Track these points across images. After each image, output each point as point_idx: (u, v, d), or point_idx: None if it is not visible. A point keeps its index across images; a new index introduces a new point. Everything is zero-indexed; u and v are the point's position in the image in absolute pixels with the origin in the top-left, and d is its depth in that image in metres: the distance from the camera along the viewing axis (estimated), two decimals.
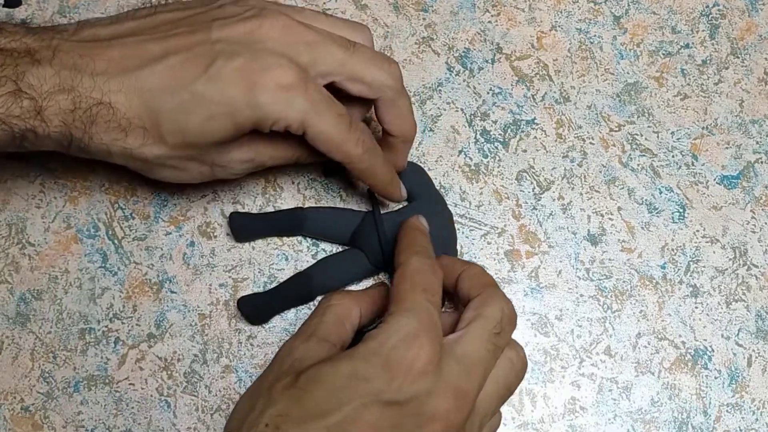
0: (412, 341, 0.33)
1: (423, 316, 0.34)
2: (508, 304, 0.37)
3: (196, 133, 0.38)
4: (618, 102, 0.48)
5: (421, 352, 0.33)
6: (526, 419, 0.43)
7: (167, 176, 0.40)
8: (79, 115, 0.37)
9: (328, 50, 0.39)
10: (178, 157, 0.39)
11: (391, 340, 0.33)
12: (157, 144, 0.38)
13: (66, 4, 0.48)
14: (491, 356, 0.35)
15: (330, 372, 0.33)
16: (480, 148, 0.47)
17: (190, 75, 0.37)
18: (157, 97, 0.37)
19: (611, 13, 0.49)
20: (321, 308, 0.38)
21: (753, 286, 0.46)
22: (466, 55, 0.48)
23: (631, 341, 0.45)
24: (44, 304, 0.44)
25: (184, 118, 0.37)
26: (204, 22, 0.39)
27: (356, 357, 0.33)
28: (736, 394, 0.44)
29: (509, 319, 0.36)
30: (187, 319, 0.44)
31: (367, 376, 0.32)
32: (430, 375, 0.33)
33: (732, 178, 0.47)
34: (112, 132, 0.37)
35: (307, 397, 0.32)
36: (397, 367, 0.32)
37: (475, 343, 0.35)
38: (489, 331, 0.35)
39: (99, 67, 0.37)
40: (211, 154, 0.39)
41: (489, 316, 0.36)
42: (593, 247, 0.46)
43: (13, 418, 0.43)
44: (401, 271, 0.36)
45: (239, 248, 0.45)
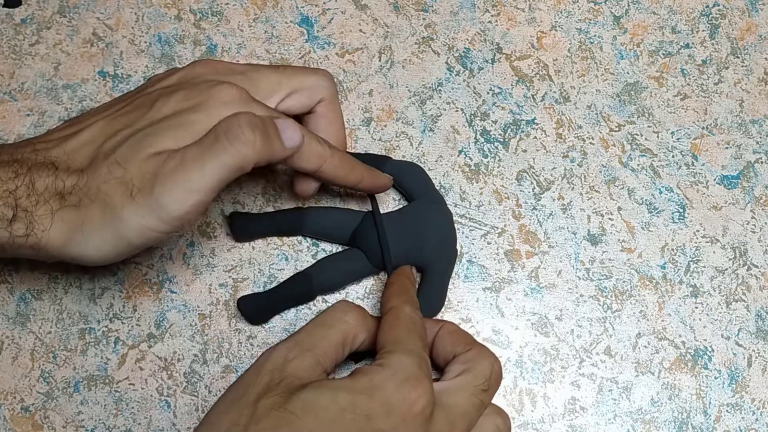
0: (415, 384, 0.33)
1: (422, 361, 0.34)
2: (497, 363, 0.37)
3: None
4: (618, 102, 0.48)
5: (421, 396, 0.33)
6: (526, 419, 0.43)
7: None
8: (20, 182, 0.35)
9: (261, 75, 0.40)
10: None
11: (395, 379, 0.33)
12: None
13: (66, 4, 0.48)
14: (476, 411, 0.35)
15: (326, 400, 0.32)
16: (480, 148, 0.47)
17: (136, 115, 0.37)
18: (102, 145, 0.36)
19: (611, 13, 0.49)
20: (330, 319, 0.36)
21: (753, 286, 0.46)
22: (466, 55, 0.48)
23: (631, 341, 0.45)
24: (44, 304, 0.44)
25: (137, 144, 0.36)
26: (137, 90, 0.40)
27: (357, 390, 0.32)
28: (736, 394, 0.44)
29: (497, 378, 0.37)
30: (187, 319, 0.44)
31: (367, 412, 0.32)
32: (425, 421, 0.33)
33: (732, 178, 0.47)
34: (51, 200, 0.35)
35: (297, 423, 0.31)
36: (398, 407, 0.32)
37: (462, 395, 0.35)
38: (476, 386, 0.36)
39: (39, 145, 0.36)
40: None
41: (478, 372, 0.36)
42: (593, 247, 0.46)
43: (13, 418, 0.43)
44: (396, 315, 0.36)
45: (239, 248, 0.45)
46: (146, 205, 0.34)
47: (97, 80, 0.47)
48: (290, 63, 0.48)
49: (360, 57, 0.48)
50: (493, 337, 0.44)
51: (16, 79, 0.47)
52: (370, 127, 0.47)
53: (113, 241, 0.35)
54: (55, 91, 0.47)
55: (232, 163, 0.34)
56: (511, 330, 0.45)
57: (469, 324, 0.44)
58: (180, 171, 0.34)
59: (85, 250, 0.35)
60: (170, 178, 0.34)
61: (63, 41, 0.48)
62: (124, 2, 0.48)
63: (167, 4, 0.48)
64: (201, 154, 0.34)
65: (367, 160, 0.45)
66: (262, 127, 0.35)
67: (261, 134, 0.35)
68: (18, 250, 0.35)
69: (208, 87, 0.37)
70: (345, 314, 0.36)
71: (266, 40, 0.48)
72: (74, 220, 0.35)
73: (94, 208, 0.35)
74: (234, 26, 0.48)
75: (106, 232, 0.35)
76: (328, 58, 0.48)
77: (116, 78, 0.47)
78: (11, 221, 0.34)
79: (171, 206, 0.34)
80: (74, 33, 0.48)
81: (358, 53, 0.48)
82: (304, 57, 0.48)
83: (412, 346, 0.35)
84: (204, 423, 0.32)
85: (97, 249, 0.35)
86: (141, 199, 0.34)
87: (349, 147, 0.47)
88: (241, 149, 0.34)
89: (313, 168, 0.39)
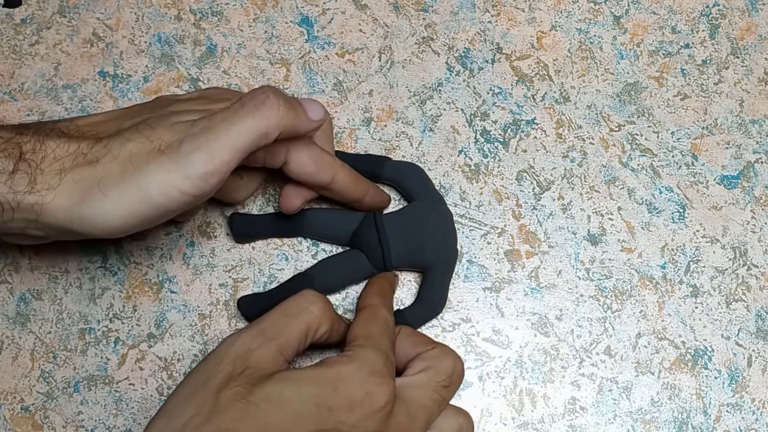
0: (379, 380, 0.33)
1: (388, 360, 0.35)
2: (459, 362, 0.38)
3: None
4: (618, 102, 0.48)
5: (384, 392, 0.33)
6: (526, 419, 0.43)
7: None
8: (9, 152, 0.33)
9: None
10: None
11: (361, 373, 0.33)
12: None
13: (66, 4, 0.48)
14: (436, 407, 0.36)
15: (291, 393, 0.32)
16: (480, 148, 0.47)
17: (154, 109, 0.38)
18: (123, 123, 0.37)
19: (611, 13, 0.49)
20: (294, 308, 0.36)
21: (753, 286, 0.46)
22: (466, 55, 0.48)
23: (631, 341, 0.45)
24: (44, 304, 0.44)
25: (165, 116, 0.37)
26: (148, 103, 0.40)
27: (322, 383, 0.32)
28: (736, 394, 0.44)
29: (458, 376, 0.37)
30: (187, 319, 0.44)
31: (330, 404, 0.32)
32: (385, 416, 0.33)
33: (732, 178, 0.47)
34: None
35: (260, 415, 0.31)
36: (360, 401, 0.32)
37: (422, 390, 0.36)
38: (438, 382, 0.36)
39: (50, 124, 0.36)
40: None
41: (440, 369, 0.37)
42: (593, 247, 0.46)
43: (13, 418, 0.43)
44: (373, 313, 0.37)
45: (239, 248, 0.45)
46: (174, 160, 0.33)
47: (97, 80, 0.47)
48: (290, 63, 0.48)
49: (360, 57, 0.48)
50: (493, 337, 0.44)
51: (16, 79, 0.47)
52: (370, 127, 0.47)
53: (133, 200, 0.33)
54: (55, 91, 0.47)
55: (257, 126, 0.34)
56: (511, 330, 0.45)
57: (469, 324, 0.44)
58: (208, 131, 0.34)
59: (100, 211, 0.33)
60: (199, 137, 0.34)
61: (63, 41, 0.48)
62: (124, 2, 0.48)
63: (167, 4, 0.48)
64: (228, 116, 0.35)
65: (367, 161, 0.45)
66: (286, 98, 0.36)
67: (286, 103, 0.36)
68: (17, 213, 0.33)
69: (226, 98, 0.39)
70: (310, 304, 0.36)
71: (266, 40, 0.48)
72: (89, 177, 0.33)
73: (115, 165, 0.33)
74: (234, 26, 0.48)
75: (128, 189, 0.33)
76: (328, 58, 0.48)
77: (116, 78, 0.47)
78: (12, 173, 0.32)
79: (198, 162, 0.33)
80: (74, 33, 0.48)
81: (358, 53, 0.48)
82: (304, 57, 0.48)
83: (383, 345, 0.35)
84: (165, 409, 0.32)
85: (115, 209, 0.33)
86: (169, 152, 0.33)
87: (349, 147, 0.47)
88: (266, 113, 0.35)
89: (327, 180, 0.40)
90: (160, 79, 0.47)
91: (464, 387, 0.44)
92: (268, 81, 0.47)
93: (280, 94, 0.36)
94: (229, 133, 0.34)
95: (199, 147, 0.34)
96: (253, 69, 0.48)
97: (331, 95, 0.47)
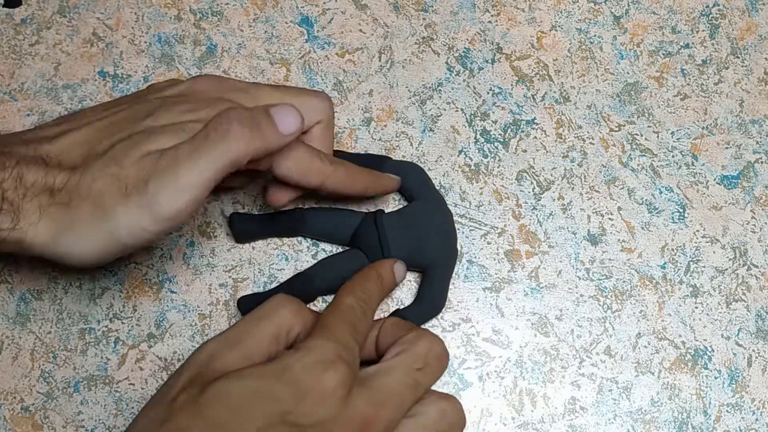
0: (326, 365, 0.32)
1: (342, 347, 0.33)
2: (439, 344, 0.36)
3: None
4: (618, 102, 0.48)
5: (332, 376, 0.32)
6: (526, 419, 0.43)
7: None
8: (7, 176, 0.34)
9: (263, 92, 0.40)
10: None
11: (305, 361, 0.32)
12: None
13: (66, 4, 0.48)
14: (409, 392, 0.34)
15: (236, 388, 0.31)
16: (480, 148, 0.47)
17: (134, 120, 0.36)
18: (96, 145, 0.35)
19: (611, 13, 0.49)
20: (262, 312, 0.35)
21: (753, 286, 0.46)
22: (466, 55, 0.48)
23: (631, 341, 0.45)
24: (44, 304, 0.44)
25: (134, 144, 0.35)
26: (136, 95, 0.39)
27: (266, 375, 0.32)
28: (736, 394, 0.44)
29: (437, 358, 0.35)
30: (187, 319, 0.44)
31: (275, 395, 0.31)
32: (338, 401, 0.32)
33: (732, 178, 0.47)
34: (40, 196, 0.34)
35: (208, 414, 0.30)
36: (306, 389, 0.31)
37: (393, 375, 0.34)
38: (409, 365, 0.34)
39: (30, 141, 0.35)
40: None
41: (413, 352, 0.35)
42: (593, 247, 0.46)
43: (13, 418, 0.43)
44: (334, 304, 0.36)
45: (239, 248, 0.45)
46: (140, 203, 0.34)
47: (97, 80, 0.47)
48: (290, 63, 0.48)
49: (360, 57, 0.48)
50: (493, 337, 0.44)
51: (16, 79, 0.47)
52: (370, 127, 0.47)
53: (104, 241, 0.34)
54: (55, 91, 0.47)
55: (223, 159, 0.34)
56: (511, 330, 0.45)
57: (469, 324, 0.44)
58: (173, 168, 0.34)
59: (74, 249, 0.34)
60: (164, 176, 0.33)
61: (63, 41, 0.48)
62: (124, 2, 0.48)
63: (167, 4, 0.48)
64: (193, 151, 0.34)
65: (367, 160, 0.45)
66: (251, 119, 0.35)
67: (251, 127, 0.35)
68: (1, 244, 0.34)
69: (210, 104, 0.37)
70: (278, 307, 0.35)
71: (266, 40, 0.48)
72: (64, 217, 0.34)
73: (86, 206, 0.34)
74: (234, 26, 0.48)
75: (98, 231, 0.34)
76: (328, 58, 0.48)
77: (116, 78, 0.47)
78: None
79: (165, 204, 0.33)
80: (74, 33, 0.48)
81: (358, 53, 0.48)
82: (304, 57, 0.48)
83: (336, 333, 0.34)
84: (130, 425, 0.32)
85: (86, 248, 0.34)
86: (135, 196, 0.34)
87: (349, 147, 0.47)
88: (231, 144, 0.34)
89: (315, 185, 0.40)
90: (160, 79, 0.47)
91: (464, 387, 0.44)
92: (268, 81, 0.47)
93: (245, 117, 0.35)
94: (194, 169, 0.34)
95: (166, 186, 0.34)
96: (253, 69, 0.48)
97: (331, 95, 0.47)
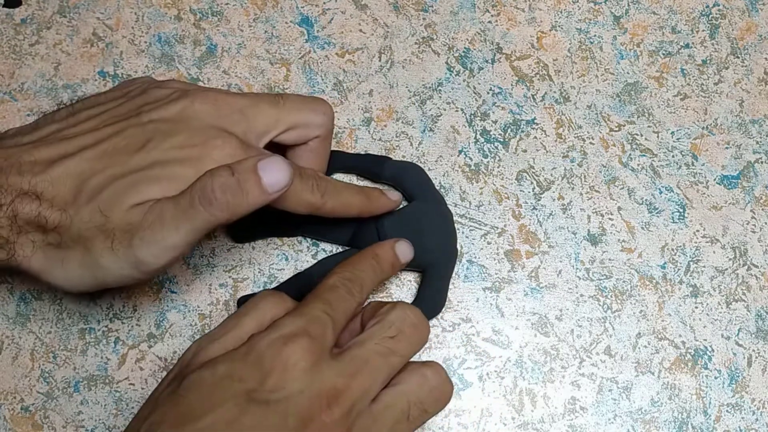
0: (287, 340, 0.32)
1: (310, 321, 0.33)
2: (413, 312, 0.36)
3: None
4: (618, 102, 0.48)
5: (292, 349, 0.32)
6: (526, 419, 0.43)
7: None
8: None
9: (260, 111, 0.39)
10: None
11: (269, 338, 0.32)
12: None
13: (66, 4, 0.48)
14: (381, 359, 0.34)
15: (208, 375, 0.32)
16: (480, 148, 0.47)
17: (126, 153, 0.36)
18: (88, 180, 0.36)
19: (611, 13, 0.49)
20: (245, 309, 0.36)
21: (753, 286, 0.46)
22: (466, 55, 0.48)
23: (631, 341, 0.45)
24: (44, 304, 0.44)
25: (122, 192, 0.36)
26: (132, 109, 0.38)
27: (236, 358, 0.32)
28: (736, 394, 0.44)
29: (412, 326, 0.35)
30: (187, 319, 0.44)
31: (241, 375, 0.32)
32: (303, 374, 0.32)
33: (732, 178, 0.47)
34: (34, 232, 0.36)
35: (183, 402, 0.31)
36: (269, 365, 0.32)
37: (365, 346, 0.34)
38: (382, 334, 0.34)
39: (25, 167, 0.36)
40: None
41: (385, 320, 0.35)
42: (593, 247, 0.46)
43: (13, 418, 0.43)
44: (317, 287, 0.36)
45: (239, 248, 0.45)
46: (124, 258, 0.35)
47: (97, 80, 0.47)
48: (290, 63, 0.48)
49: (360, 57, 0.48)
50: (493, 337, 0.44)
51: (16, 79, 0.47)
52: (370, 127, 0.47)
53: (91, 281, 0.36)
54: (55, 91, 0.47)
55: (205, 225, 0.35)
56: (511, 330, 0.45)
57: (469, 324, 0.44)
58: (157, 228, 0.35)
59: (64, 283, 0.36)
60: (148, 234, 0.35)
61: (63, 41, 0.48)
62: (124, 2, 0.48)
63: (167, 4, 0.48)
64: (176, 215, 0.35)
65: (367, 160, 0.45)
66: (235, 185, 0.35)
67: (233, 194, 0.35)
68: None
69: (204, 140, 0.37)
70: (260, 300, 0.36)
71: (266, 40, 0.48)
72: (55, 256, 0.36)
73: (75, 251, 0.36)
74: (234, 26, 0.48)
75: (85, 273, 0.36)
76: (328, 58, 0.48)
77: (116, 78, 0.47)
78: None
79: (148, 260, 0.35)
80: (74, 33, 0.48)
81: (358, 53, 0.48)
82: (304, 57, 0.48)
83: (306, 309, 0.34)
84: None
85: (75, 283, 0.36)
86: (120, 250, 0.35)
87: (349, 147, 0.47)
88: (213, 213, 0.35)
89: (306, 212, 0.39)
90: (160, 79, 0.47)
91: (464, 387, 0.44)
92: (268, 81, 0.47)
93: (228, 183, 0.35)
94: (177, 232, 0.35)
95: (149, 245, 0.35)
96: (253, 69, 0.48)
97: (331, 95, 0.47)
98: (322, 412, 0.32)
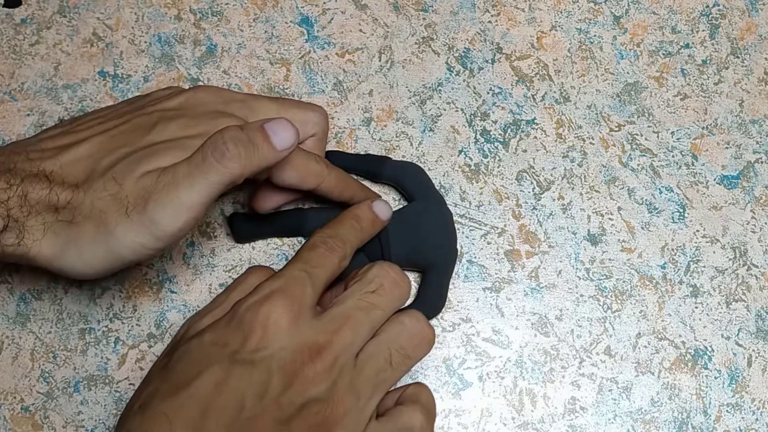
0: (266, 300, 0.33)
1: (288, 280, 0.34)
2: (393, 269, 0.36)
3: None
4: (618, 102, 0.48)
5: (273, 309, 0.33)
6: (526, 419, 0.43)
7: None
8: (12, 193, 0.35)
9: (260, 103, 0.41)
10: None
11: (248, 301, 0.33)
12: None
13: (66, 4, 0.48)
14: (362, 313, 0.34)
15: (195, 345, 0.33)
16: (480, 148, 0.47)
17: (135, 135, 0.37)
18: (100, 160, 0.36)
19: (611, 13, 0.49)
20: (234, 284, 0.37)
21: (753, 286, 0.46)
22: (466, 55, 0.48)
23: (631, 341, 0.45)
24: (44, 304, 0.44)
25: (135, 162, 0.36)
26: (136, 107, 0.40)
27: (219, 325, 0.33)
28: (736, 394, 0.44)
29: (392, 281, 0.36)
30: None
31: (225, 340, 0.32)
32: (283, 333, 0.32)
33: (732, 178, 0.47)
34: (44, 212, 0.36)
35: (173, 373, 0.33)
36: (249, 326, 0.32)
37: (347, 301, 0.35)
38: (361, 290, 0.35)
39: (34, 154, 0.36)
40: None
41: (366, 277, 0.36)
42: (593, 247, 0.46)
43: (13, 418, 0.43)
44: (298, 249, 0.37)
45: (239, 248, 0.45)
46: (140, 222, 0.35)
47: (97, 80, 0.47)
48: (290, 63, 0.48)
49: (360, 57, 0.48)
50: (493, 337, 0.44)
51: (16, 79, 0.47)
52: (370, 127, 0.47)
53: (105, 257, 0.35)
54: (55, 91, 0.47)
55: (219, 180, 0.35)
56: (511, 330, 0.45)
57: (469, 324, 0.44)
58: (172, 188, 0.35)
59: (76, 264, 0.36)
60: (163, 196, 0.34)
61: (63, 41, 0.48)
62: (124, 2, 0.48)
63: (167, 4, 0.49)
64: (190, 172, 0.35)
65: (367, 161, 0.45)
66: (246, 139, 0.36)
67: (245, 147, 0.35)
68: (6, 258, 0.36)
69: (209, 119, 0.38)
70: (248, 276, 0.37)
71: (266, 40, 0.48)
72: (67, 234, 0.35)
73: (88, 224, 0.35)
74: (234, 26, 0.48)
75: (99, 248, 0.35)
76: (328, 58, 0.48)
77: (116, 78, 0.47)
78: (2, 231, 0.35)
79: (164, 223, 0.35)
80: (74, 33, 0.48)
81: (358, 53, 0.48)
82: (304, 57, 0.48)
83: (286, 270, 0.35)
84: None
85: (89, 264, 0.36)
86: (135, 216, 0.34)
87: (349, 147, 0.47)
88: (227, 165, 0.35)
89: (311, 187, 0.40)
90: (160, 79, 0.47)
91: (464, 387, 0.44)
92: (268, 81, 0.47)
93: (241, 137, 0.35)
94: (192, 190, 0.35)
95: (164, 206, 0.35)
96: (253, 69, 0.48)
97: (331, 95, 0.47)
98: (305, 366, 0.32)
